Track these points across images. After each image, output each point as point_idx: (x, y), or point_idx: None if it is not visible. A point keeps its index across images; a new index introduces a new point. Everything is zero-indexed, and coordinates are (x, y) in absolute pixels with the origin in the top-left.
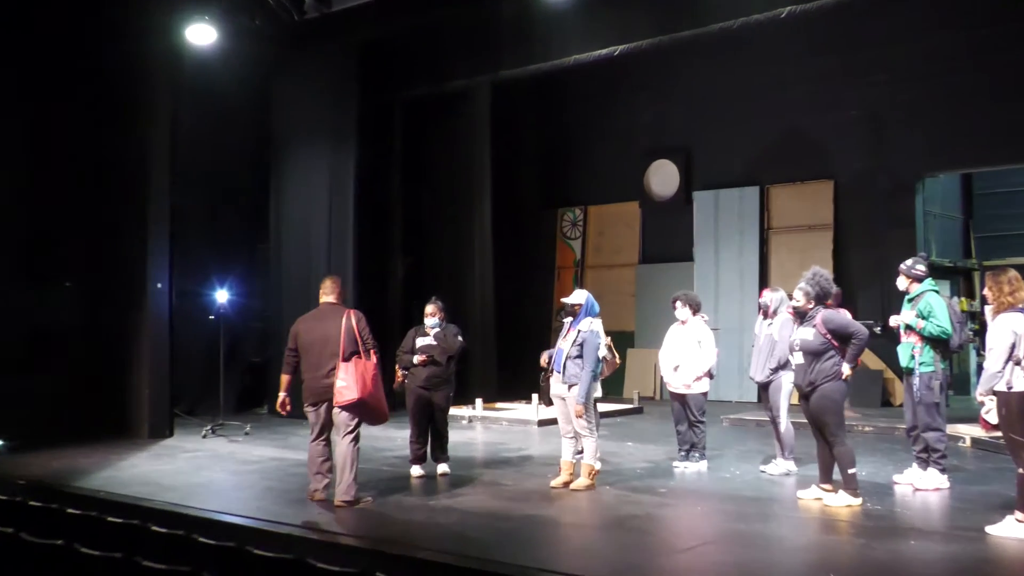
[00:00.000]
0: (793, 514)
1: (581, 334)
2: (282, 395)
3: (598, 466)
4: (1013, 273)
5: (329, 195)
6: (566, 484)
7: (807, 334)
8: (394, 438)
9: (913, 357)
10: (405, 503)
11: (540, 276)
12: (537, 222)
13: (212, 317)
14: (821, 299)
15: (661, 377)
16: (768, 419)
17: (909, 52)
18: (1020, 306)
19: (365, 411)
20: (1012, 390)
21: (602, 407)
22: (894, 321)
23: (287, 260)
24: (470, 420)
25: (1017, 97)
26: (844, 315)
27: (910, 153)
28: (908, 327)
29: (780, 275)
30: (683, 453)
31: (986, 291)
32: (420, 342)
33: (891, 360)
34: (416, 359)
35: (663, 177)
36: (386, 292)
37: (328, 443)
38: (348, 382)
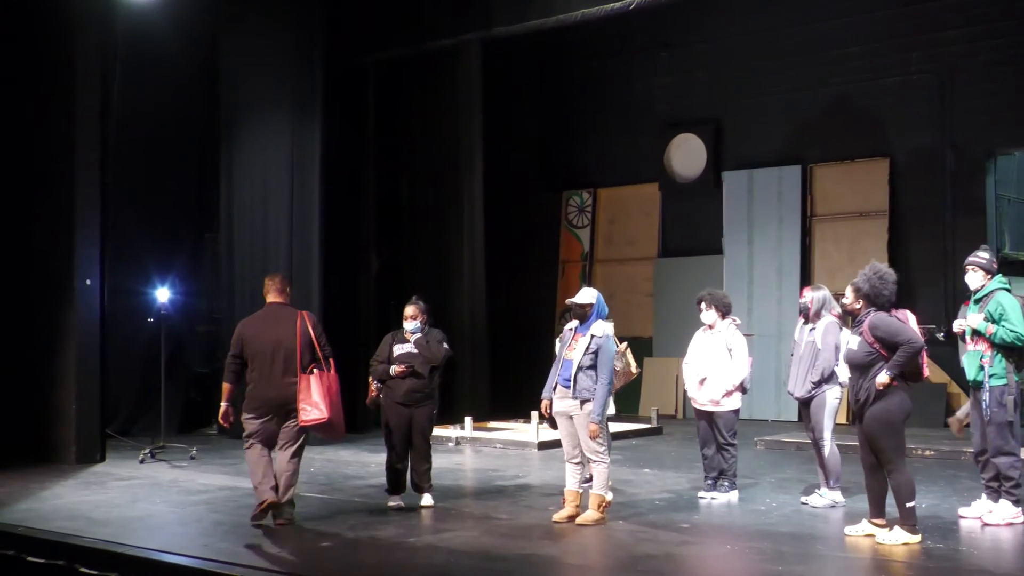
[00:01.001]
0: (839, 554)
1: (595, 340)
2: (224, 405)
3: (609, 496)
4: None
5: (290, 176)
6: (571, 518)
7: (853, 342)
8: (367, 463)
9: (982, 368)
10: (381, 540)
11: (541, 272)
12: (537, 208)
13: (151, 320)
14: (873, 300)
15: (685, 392)
16: (810, 441)
17: (984, 2)
18: None
19: (328, 429)
20: None
21: (614, 427)
22: (958, 326)
23: (240, 253)
24: (458, 442)
25: None
26: (897, 319)
27: (981, 126)
28: (976, 333)
29: (825, 270)
30: (710, 482)
31: None
32: (398, 350)
33: (956, 372)
34: (394, 370)
35: (687, 154)
36: (357, 291)
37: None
38: (315, 400)
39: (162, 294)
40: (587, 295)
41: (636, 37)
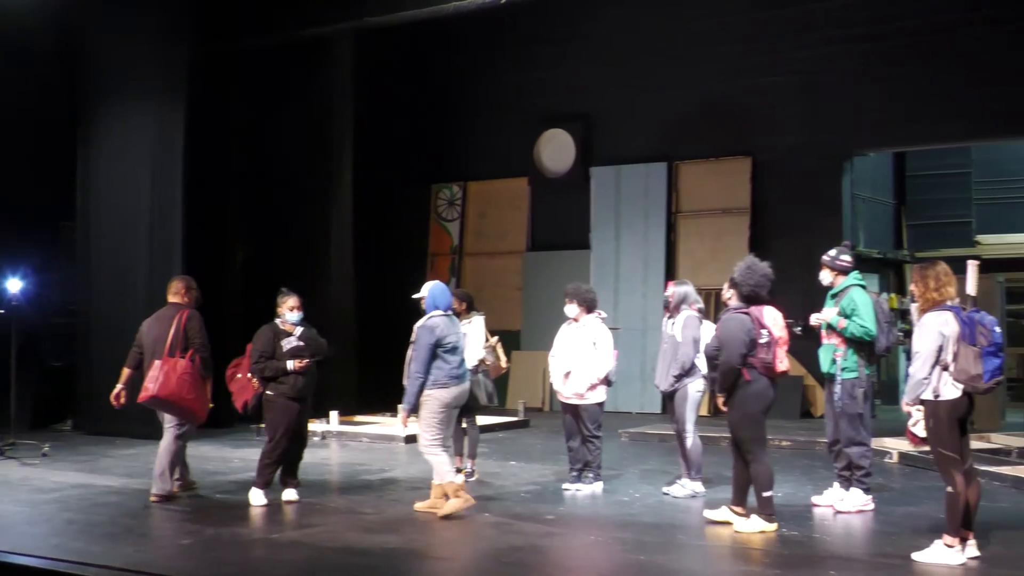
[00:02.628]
0: (699, 542)
1: (416, 331)
2: (119, 387)
3: (447, 480)
4: (942, 267)
5: (152, 164)
6: (436, 509)
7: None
8: (229, 459)
9: (835, 362)
10: (243, 537)
11: (410, 265)
12: (407, 200)
13: (1, 311)
14: (738, 289)
15: (551, 385)
16: (673, 433)
17: (848, 7)
18: (948, 304)
19: (167, 407)
20: (940, 399)
21: (482, 420)
22: (815, 320)
23: (99, 243)
24: (324, 436)
25: (959, 68)
26: (750, 318)
27: (841, 127)
28: (830, 327)
29: (689, 266)
30: (575, 473)
31: (912, 287)
32: (288, 344)
33: (812, 365)
34: (294, 365)
35: (556, 149)
36: (222, 283)
37: None
38: (149, 379)
39: (13, 285)
40: (423, 290)
41: (508, 31)
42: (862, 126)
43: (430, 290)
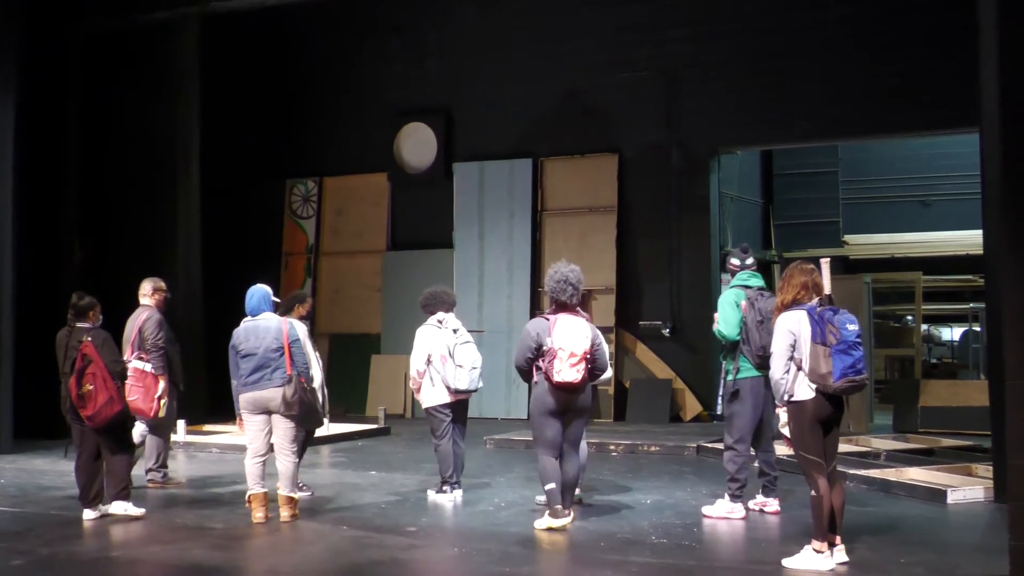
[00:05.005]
0: (566, 554)
1: None
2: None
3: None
4: (802, 267)
5: None
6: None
7: None
8: (65, 472)
9: (721, 365)
10: (81, 556)
11: (263, 265)
12: (259, 196)
13: None
14: (551, 300)
15: (414, 391)
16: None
17: (709, 4)
18: (804, 304)
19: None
20: (795, 400)
21: (337, 428)
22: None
23: None
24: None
25: (823, 64)
26: (530, 327)
27: (706, 124)
28: None
29: None
30: (439, 482)
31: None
32: None
33: (680, 367)
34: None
35: (417, 144)
36: (57, 285)
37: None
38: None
39: None
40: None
41: (366, 20)
42: (728, 123)
43: (249, 295)
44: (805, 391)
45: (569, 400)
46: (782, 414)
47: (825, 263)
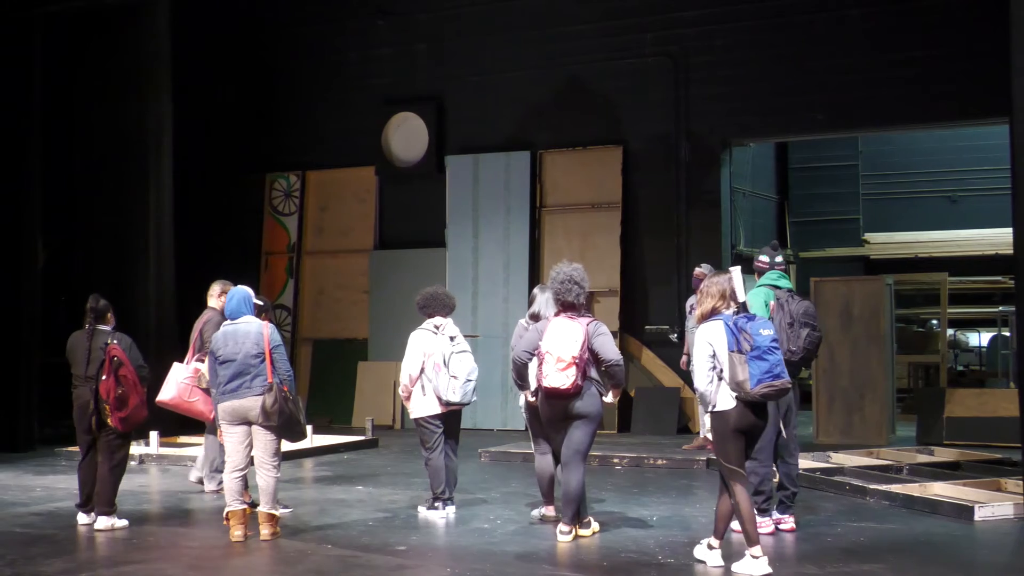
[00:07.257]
0: (566, 573)
1: None
2: None
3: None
4: (717, 277)
5: None
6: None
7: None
8: (31, 487)
9: None
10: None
11: (241, 265)
12: (237, 192)
13: None
14: (556, 302)
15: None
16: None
17: None
18: (724, 314)
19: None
20: (715, 409)
21: (321, 440)
22: None
23: None
24: (142, 460)
25: (844, 49)
26: (533, 327)
27: (717, 115)
28: None
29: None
30: (430, 498)
31: None
32: None
33: (689, 375)
34: None
35: (407, 135)
36: (20, 285)
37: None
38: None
39: None
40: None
41: (351, 2)
42: (740, 113)
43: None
44: (726, 400)
45: (561, 407)
46: (707, 420)
47: (736, 271)
